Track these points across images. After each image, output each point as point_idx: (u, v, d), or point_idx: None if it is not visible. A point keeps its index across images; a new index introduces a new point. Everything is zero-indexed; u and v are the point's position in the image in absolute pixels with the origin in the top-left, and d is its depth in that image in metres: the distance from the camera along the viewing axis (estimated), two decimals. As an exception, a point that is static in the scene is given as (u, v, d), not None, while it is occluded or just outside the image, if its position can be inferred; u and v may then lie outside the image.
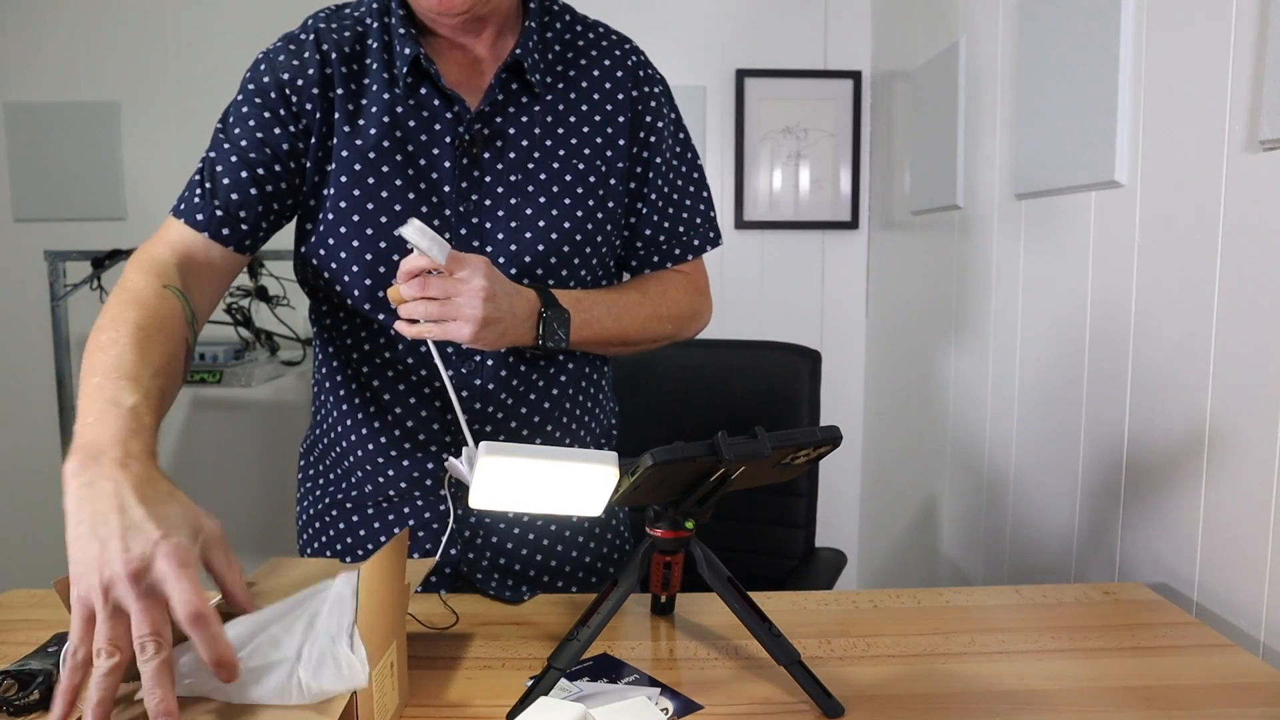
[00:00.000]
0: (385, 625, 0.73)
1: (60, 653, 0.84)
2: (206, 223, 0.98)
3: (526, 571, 1.09)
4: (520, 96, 1.02)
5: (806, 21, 2.56)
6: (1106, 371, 1.29)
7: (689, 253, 1.14)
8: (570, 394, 1.09)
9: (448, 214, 0.99)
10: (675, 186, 1.12)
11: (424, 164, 0.99)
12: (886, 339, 2.46)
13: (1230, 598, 1.03)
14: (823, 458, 0.80)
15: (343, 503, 1.10)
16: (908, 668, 0.87)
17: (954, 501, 1.92)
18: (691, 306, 1.13)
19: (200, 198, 0.99)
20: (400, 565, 0.76)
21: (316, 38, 1.01)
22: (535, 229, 1.00)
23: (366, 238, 0.98)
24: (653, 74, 1.10)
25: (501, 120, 1.01)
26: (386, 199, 0.98)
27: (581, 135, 1.03)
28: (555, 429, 1.08)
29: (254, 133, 0.99)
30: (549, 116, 1.03)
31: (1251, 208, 0.99)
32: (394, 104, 0.99)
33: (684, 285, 1.14)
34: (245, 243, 1.00)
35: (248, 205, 0.99)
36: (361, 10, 1.03)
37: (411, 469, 1.05)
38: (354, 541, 1.09)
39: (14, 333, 2.59)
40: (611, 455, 0.78)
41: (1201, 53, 1.07)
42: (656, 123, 1.08)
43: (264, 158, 0.99)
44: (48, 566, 2.95)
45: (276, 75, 0.99)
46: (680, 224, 1.12)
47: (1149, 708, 0.79)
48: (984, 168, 1.74)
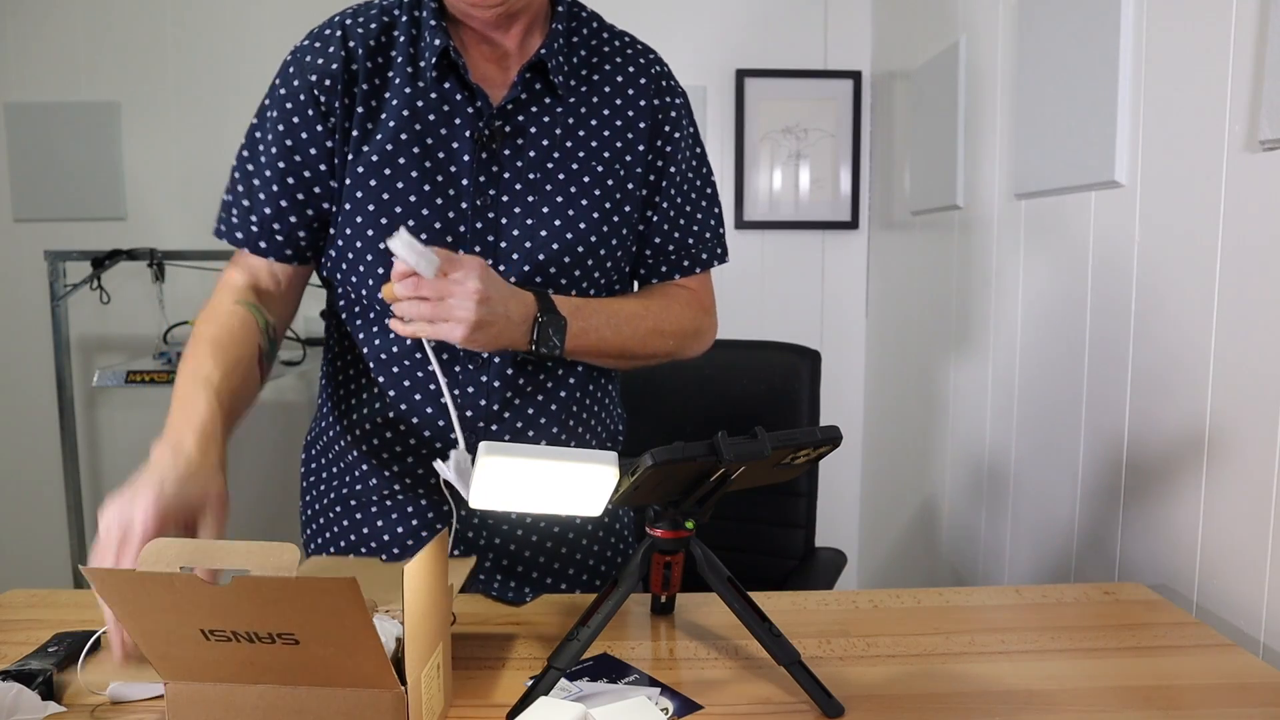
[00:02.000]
0: (432, 626, 0.73)
1: (60, 652, 0.84)
2: (248, 240, 1.02)
3: (529, 573, 1.09)
4: (543, 96, 1.02)
5: (806, 21, 2.56)
6: (1106, 371, 1.29)
7: (696, 265, 1.13)
8: (578, 397, 1.09)
9: (464, 207, 0.99)
10: (688, 198, 1.12)
11: (443, 157, 1.00)
12: (886, 339, 2.46)
13: (1230, 598, 1.03)
14: (823, 458, 0.80)
15: (346, 499, 1.10)
16: (908, 668, 0.87)
17: (954, 501, 1.92)
18: (694, 324, 1.12)
19: (237, 215, 1.03)
20: (443, 565, 0.76)
21: (343, 34, 1.00)
22: (550, 227, 1.00)
23: (381, 228, 0.98)
24: (675, 86, 1.10)
25: (523, 118, 1.01)
26: (402, 190, 0.98)
27: (602, 138, 1.04)
28: (561, 431, 1.08)
29: (284, 140, 1.00)
30: (570, 118, 1.03)
31: (1251, 208, 0.99)
32: (415, 97, 0.99)
33: (688, 301, 1.12)
34: (286, 252, 1.03)
35: (282, 218, 1.01)
36: (390, 1, 1.03)
37: (415, 466, 1.05)
38: (357, 539, 1.09)
39: (14, 333, 2.59)
40: (611, 455, 0.78)
41: (1201, 53, 1.07)
42: (674, 133, 1.08)
43: (295, 166, 1.00)
44: (48, 566, 2.97)
45: (305, 76, 0.99)
46: (690, 236, 1.12)
47: (1149, 708, 0.79)
48: (984, 168, 1.74)
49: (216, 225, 1.04)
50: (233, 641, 0.64)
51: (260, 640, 0.64)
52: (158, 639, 0.66)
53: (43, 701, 0.77)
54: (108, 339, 2.61)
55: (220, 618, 0.63)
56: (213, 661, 0.66)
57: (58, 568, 2.57)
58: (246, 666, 0.66)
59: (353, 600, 0.60)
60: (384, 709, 0.67)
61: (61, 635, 0.88)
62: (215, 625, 0.64)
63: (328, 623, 0.62)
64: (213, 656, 0.66)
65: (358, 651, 0.64)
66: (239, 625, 0.63)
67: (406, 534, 1.07)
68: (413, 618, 0.67)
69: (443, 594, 0.76)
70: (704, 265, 1.14)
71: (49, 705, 0.77)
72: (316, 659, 0.65)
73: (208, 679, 0.68)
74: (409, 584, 0.66)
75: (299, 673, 0.66)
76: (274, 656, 0.65)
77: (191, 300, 2.47)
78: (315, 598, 0.61)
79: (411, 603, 0.67)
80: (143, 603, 0.63)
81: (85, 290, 2.30)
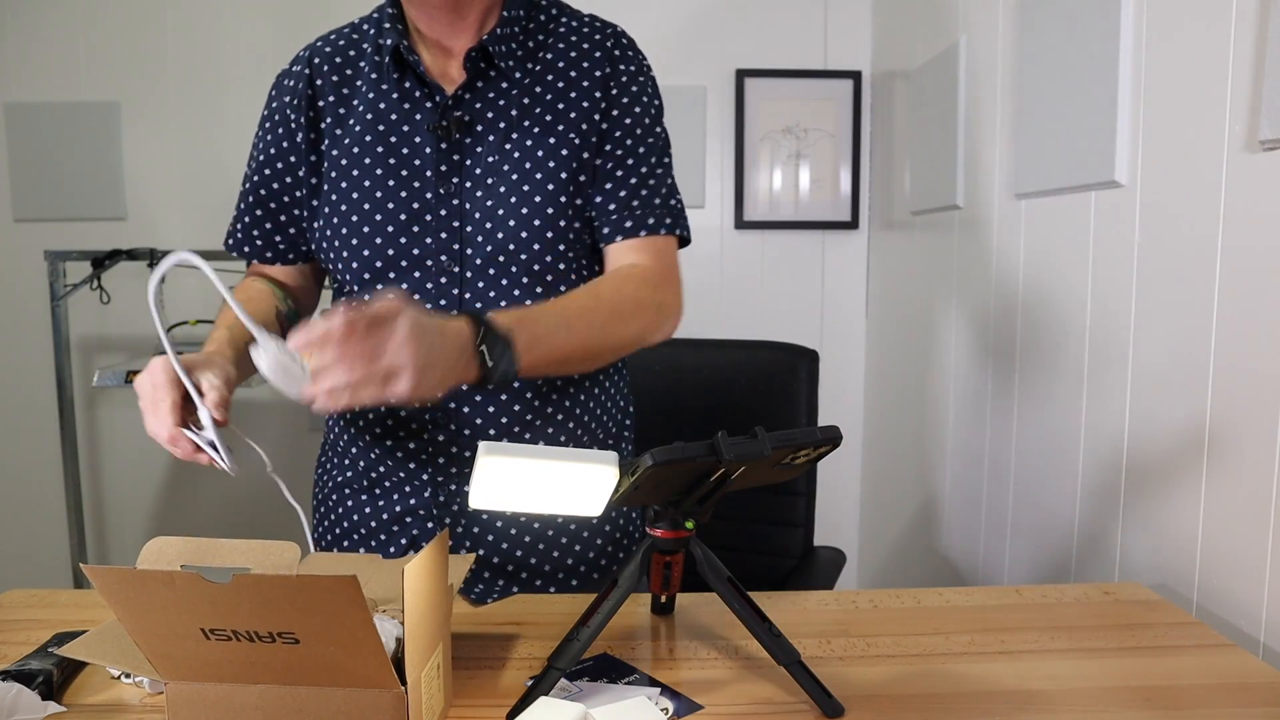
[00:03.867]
0: (431, 627, 0.73)
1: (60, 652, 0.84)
2: (235, 247, 1.13)
3: (519, 573, 1.09)
4: (499, 81, 1.04)
5: (806, 21, 2.56)
6: (1106, 371, 1.29)
7: (641, 228, 1.05)
8: (572, 392, 1.09)
9: (429, 198, 1.03)
10: (637, 156, 1.06)
11: (406, 152, 1.04)
12: (886, 339, 2.46)
13: (1230, 598, 1.03)
14: (822, 458, 0.80)
15: (341, 487, 1.13)
16: (908, 668, 0.87)
17: (954, 501, 1.92)
18: (653, 298, 1.03)
19: (241, 227, 1.13)
20: (443, 565, 0.76)
21: (310, 53, 1.10)
22: (509, 207, 1.02)
23: (352, 224, 1.04)
24: (633, 55, 1.09)
25: (480, 105, 1.04)
26: (369, 188, 1.04)
27: (556, 112, 1.04)
28: (564, 422, 1.08)
29: (266, 154, 1.10)
30: (526, 98, 1.04)
31: (1251, 208, 0.99)
32: (379, 99, 1.05)
33: (641, 278, 1.04)
34: (289, 256, 1.14)
35: (258, 224, 1.12)
36: (362, 18, 1.11)
37: (396, 449, 1.06)
38: (349, 526, 1.12)
39: (14, 333, 2.59)
40: (611, 455, 0.78)
41: (1201, 53, 1.07)
42: (622, 98, 1.06)
43: (264, 179, 1.10)
44: (48, 566, 2.96)
45: (281, 98, 1.10)
46: (636, 199, 1.06)
47: (1149, 708, 0.79)
48: (984, 168, 1.74)
49: (225, 236, 1.14)
50: (233, 641, 0.64)
51: (260, 640, 0.64)
52: (158, 638, 0.66)
53: (43, 701, 0.77)
54: (108, 339, 2.61)
55: (220, 616, 0.63)
56: (213, 661, 0.66)
57: (58, 568, 2.57)
58: (246, 666, 0.66)
59: (353, 599, 0.60)
60: (384, 709, 0.67)
61: (61, 635, 0.88)
62: (215, 624, 0.64)
63: (328, 622, 0.62)
64: (213, 656, 0.66)
65: (358, 651, 0.64)
66: (239, 624, 0.63)
67: (391, 519, 1.09)
68: (413, 618, 0.67)
69: (443, 594, 0.76)
70: (650, 229, 1.05)
71: (49, 705, 0.77)
72: (317, 658, 0.65)
73: (208, 679, 0.68)
74: (409, 584, 0.66)
75: (299, 673, 0.66)
76: (274, 656, 0.65)
77: (192, 300, 2.47)
78: (316, 596, 0.61)
79: (411, 603, 0.67)
80: (143, 601, 0.63)
81: (85, 290, 2.29)
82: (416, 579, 0.68)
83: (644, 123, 1.08)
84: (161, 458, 2.63)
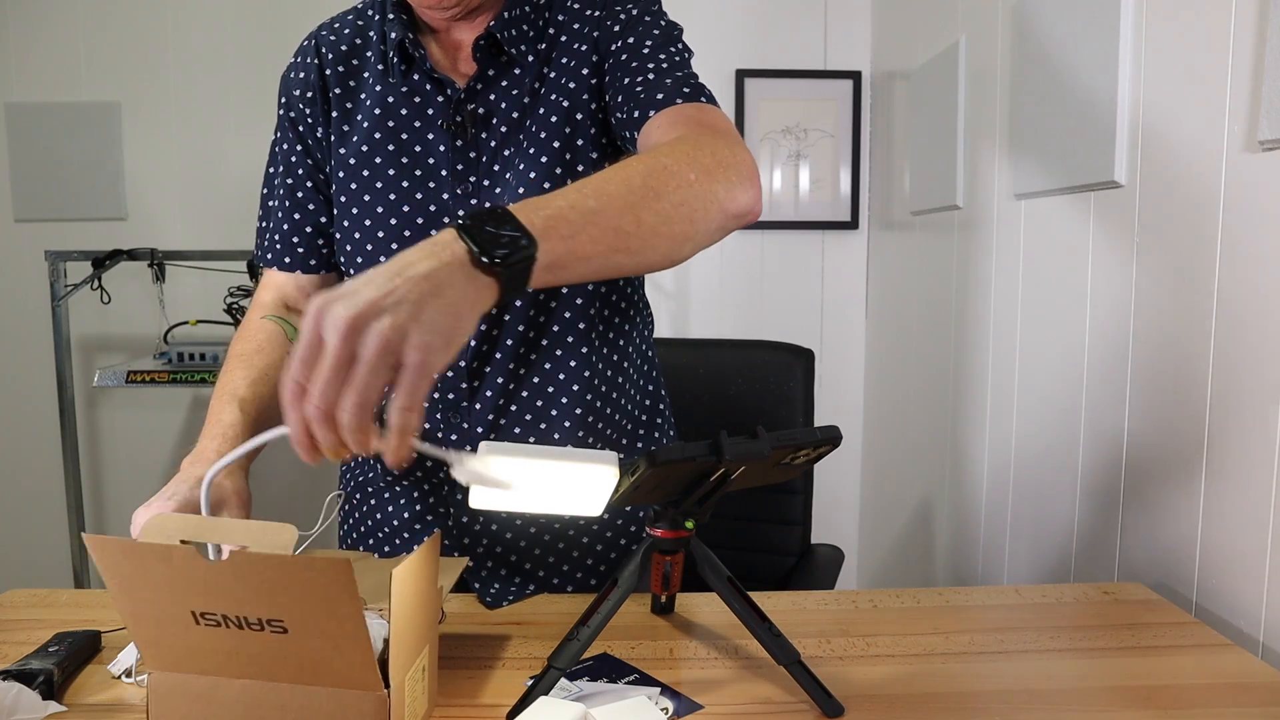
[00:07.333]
0: (417, 630, 0.72)
1: (60, 652, 0.84)
2: (276, 259, 1.08)
3: (518, 570, 1.09)
4: (510, 67, 1.00)
5: (806, 21, 2.56)
6: (1106, 371, 1.29)
7: (676, 96, 0.90)
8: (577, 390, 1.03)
9: (445, 198, 1.00)
10: (647, 50, 0.95)
11: (419, 150, 1.00)
12: (886, 339, 2.46)
13: (1230, 598, 1.03)
14: (822, 458, 0.80)
15: (364, 485, 1.12)
16: (907, 668, 0.87)
17: (954, 501, 1.92)
18: (712, 146, 0.80)
19: (266, 236, 1.09)
20: (433, 569, 0.75)
21: (316, 43, 1.05)
22: (523, 198, 0.99)
23: (365, 228, 1.00)
24: (625, 3, 0.99)
25: (494, 96, 1.00)
26: (382, 189, 1.00)
27: (561, 89, 0.99)
28: (576, 426, 1.04)
29: (288, 157, 1.06)
30: (537, 82, 1.00)
31: (1251, 208, 0.99)
32: (386, 94, 1.01)
33: (691, 125, 0.85)
34: (311, 263, 1.08)
35: (299, 230, 1.07)
36: (365, 4, 1.07)
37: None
38: (373, 524, 1.11)
39: (14, 333, 2.59)
40: (611, 455, 0.78)
41: (1201, 53, 1.07)
42: (614, 26, 0.98)
43: (298, 179, 1.06)
44: (48, 566, 2.96)
45: (290, 92, 1.06)
46: (659, 82, 0.92)
47: (1149, 708, 0.79)
48: (984, 168, 1.74)
49: (259, 254, 1.10)
50: (221, 627, 0.64)
51: (249, 626, 0.64)
52: (148, 621, 0.65)
53: (43, 701, 0.77)
54: (108, 339, 2.61)
55: (212, 597, 0.63)
56: (199, 649, 0.66)
57: (58, 568, 2.57)
58: (233, 656, 0.66)
59: (345, 585, 0.60)
60: (366, 711, 0.66)
61: (61, 635, 0.88)
62: (206, 607, 0.63)
63: (319, 608, 0.62)
64: (200, 644, 0.65)
65: (345, 644, 0.64)
66: (230, 608, 0.63)
67: (412, 519, 1.08)
68: (398, 622, 0.67)
69: (432, 597, 0.76)
70: (686, 97, 0.90)
71: (49, 705, 0.77)
72: (303, 651, 0.65)
73: (193, 670, 0.67)
74: (396, 588, 0.65)
75: (284, 666, 0.66)
76: (261, 646, 0.65)
77: (192, 300, 2.47)
78: (310, 577, 0.60)
79: (398, 607, 0.66)
80: (138, 576, 0.63)
81: (86, 290, 2.30)
82: (404, 582, 0.68)
83: (644, 20, 0.97)
84: (162, 458, 2.64)
